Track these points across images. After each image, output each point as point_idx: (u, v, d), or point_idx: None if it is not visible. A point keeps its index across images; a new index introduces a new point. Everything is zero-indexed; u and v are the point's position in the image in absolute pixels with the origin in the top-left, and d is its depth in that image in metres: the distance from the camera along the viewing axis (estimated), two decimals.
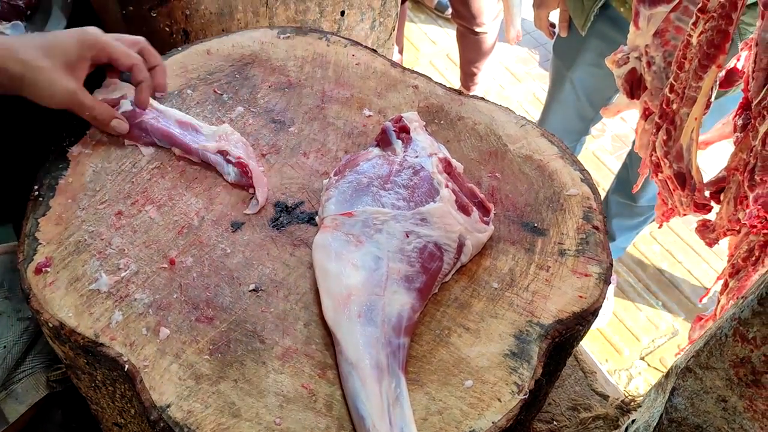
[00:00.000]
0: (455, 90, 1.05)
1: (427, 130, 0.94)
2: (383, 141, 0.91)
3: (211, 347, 0.74)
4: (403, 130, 0.90)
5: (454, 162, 0.88)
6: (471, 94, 1.07)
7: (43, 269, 0.78)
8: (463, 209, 0.82)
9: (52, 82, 0.76)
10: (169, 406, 0.69)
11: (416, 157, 0.87)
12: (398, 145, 0.89)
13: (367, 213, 0.81)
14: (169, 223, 0.84)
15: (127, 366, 0.71)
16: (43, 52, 0.76)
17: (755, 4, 1.33)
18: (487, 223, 0.84)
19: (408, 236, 0.79)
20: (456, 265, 0.81)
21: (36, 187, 0.85)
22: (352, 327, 0.72)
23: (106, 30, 0.85)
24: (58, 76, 0.76)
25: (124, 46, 0.84)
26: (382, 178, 0.84)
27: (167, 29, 1.22)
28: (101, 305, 0.76)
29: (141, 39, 0.85)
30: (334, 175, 0.88)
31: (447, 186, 0.82)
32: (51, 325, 0.74)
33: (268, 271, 0.81)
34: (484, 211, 0.85)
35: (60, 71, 0.76)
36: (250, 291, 0.79)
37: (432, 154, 0.86)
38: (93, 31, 0.79)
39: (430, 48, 3.48)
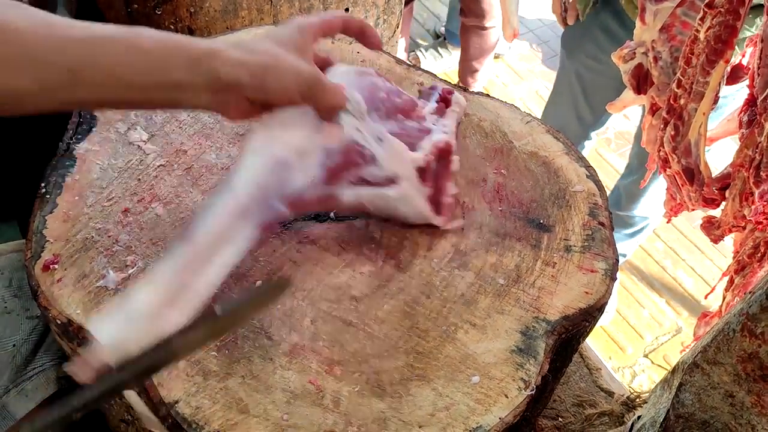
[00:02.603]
0: (460, 87, 1.05)
1: (457, 130, 0.93)
2: (425, 94, 0.92)
3: (218, 344, 0.74)
4: (444, 101, 0.91)
5: (454, 158, 0.88)
6: (474, 90, 1.07)
7: (51, 266, 0.78)
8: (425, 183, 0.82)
9: (295, 67, 0.69)
10: (177, 402, 0.69)
11: (434, 124, 0.86)
12: (429, 106, 0.90)
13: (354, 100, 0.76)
14: (176, 220, 0.85)
15: None
16: (275, 42, 0.70)
17: (755, 7, 1.33)
18: (439, 213, 0.83)
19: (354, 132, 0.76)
20: (375, 189, 0.78)
21: (43, 185, 0.86)
22: (253, 161, 0.70)
23: None
24: (298, 61, 0.70)
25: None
26: (394, 107, 0.83)
27: (172, 27, 1.23)
28: (109, 302, 0.76)
29: (339, 11, 0.80)
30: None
31: (425, 157, 0.81)
32: (59, 322, 0.75)
33: (274, 267, 0.81)
34: (438, 209, 0.84)
35: (296, 56, 0.70)
36: (256, 288, 0.79)
37: (444, 133, 0.86)
38: (300, 18, 0.73)
39: None
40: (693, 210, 1.12)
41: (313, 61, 0.73)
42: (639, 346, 2.35)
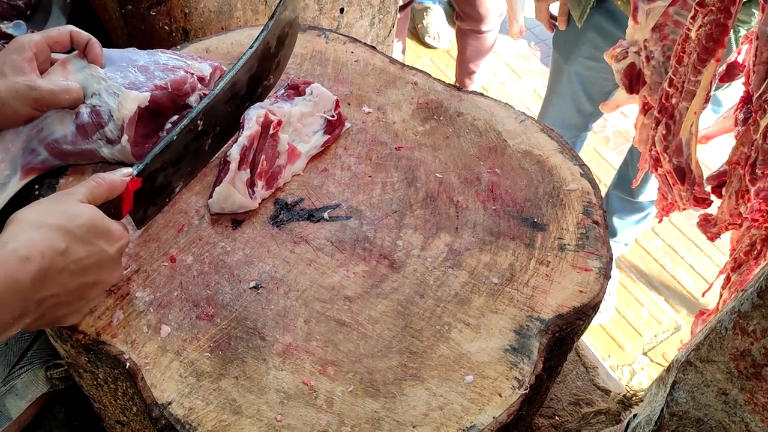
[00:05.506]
0: (454, 86, 1.05)
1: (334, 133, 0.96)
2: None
3: (211, 344, 0.74)
4: (293, 89, 0.94)
5: (283, 137, 0.88)
6: (470, 90, 1.07)
7: None
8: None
9: (14, 90, 0.76)
10: (170, 403, 0.69)
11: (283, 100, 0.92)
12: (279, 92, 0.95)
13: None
14: (170, 221, 0.84)
15: (128, 364, 0.71)
16: None
17: (749, 2, 1.33)
18: (251, 193, 0.86)
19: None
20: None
21: (36, 187, 0.86)
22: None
23: (106, 28, 0.85)
24: (16, 82, 0.76)
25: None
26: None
27: (166, 28, 1.22)
28: (102, 303, 0.76)
29: (67, 26, 0.86)
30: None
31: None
32: None
33: (268, 268, 0.81)
34: (267, 183, 0.88)
35: (15, 76, 0.77)
36: (250, 288, 0.79)
37: (269, 113, 0.88)
38: (22, 36, 0.81)
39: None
40: (684, 209, 1.12)
41: (38, 71, 0.80)
42: (638, 344, 2.35)
